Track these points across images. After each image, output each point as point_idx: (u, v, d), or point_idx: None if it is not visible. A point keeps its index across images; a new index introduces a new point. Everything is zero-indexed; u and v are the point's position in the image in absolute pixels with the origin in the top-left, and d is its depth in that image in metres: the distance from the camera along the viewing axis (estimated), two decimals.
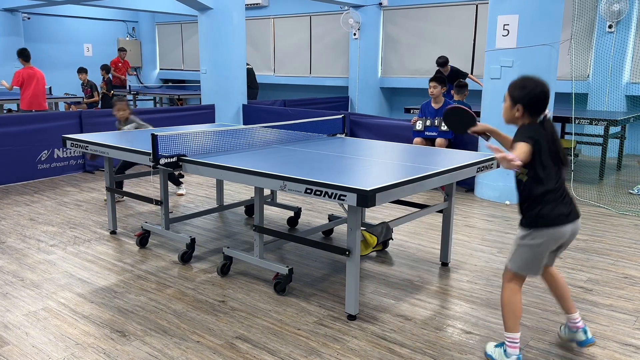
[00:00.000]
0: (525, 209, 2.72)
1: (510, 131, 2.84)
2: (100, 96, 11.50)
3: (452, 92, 7.61)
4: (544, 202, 2.64)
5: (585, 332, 2.92)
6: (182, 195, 6.43)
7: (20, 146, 6.93)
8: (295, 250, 4.53)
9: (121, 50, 13.62)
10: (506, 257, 2.87)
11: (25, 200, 6.10)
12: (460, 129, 3.17)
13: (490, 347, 2.91)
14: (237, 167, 3.43)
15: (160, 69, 17.02)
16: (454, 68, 9.03)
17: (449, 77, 8.78)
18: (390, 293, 3.72)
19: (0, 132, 6.73)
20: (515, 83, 2.71)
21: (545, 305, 3.51)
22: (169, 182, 5.80)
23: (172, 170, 3.84)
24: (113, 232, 4.98)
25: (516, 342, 2.76)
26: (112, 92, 11.76)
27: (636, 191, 6.53)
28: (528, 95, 2.64)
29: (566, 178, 2.79)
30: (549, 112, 2.67)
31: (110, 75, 12.03)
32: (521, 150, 2.54)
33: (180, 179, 6.53)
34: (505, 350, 2.79)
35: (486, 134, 3.10)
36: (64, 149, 7.36)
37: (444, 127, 6.57)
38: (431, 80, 6.77)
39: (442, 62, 8.86)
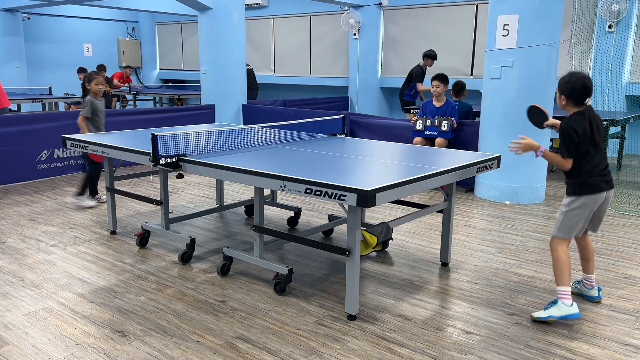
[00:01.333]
0: (571, 179, 3.31)
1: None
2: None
3: (451, 92, 7.61)
4: (586, 174, 3.25)
5: (599, 289, 3.59)
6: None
7: (20, 146, 6.92)
8: (295, 251, 4.53)
9: (127, 67, 13.68)
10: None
11: (25, 201, 6.10)
12: (539, 123, 3.65)
13: (541, 313, 3.28)
14: (237, 167, 3.43)
15: (160, 69, 17.02)
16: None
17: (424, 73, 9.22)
18: (390, 293, 3.72)
19: (0, 132, 6.74)
20: (563, 77, 3.30)
21: (545, 305, 3.51)
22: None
23: (172, 170, 3.84)
24: (113, 232, 4.98)
25: (569, 294, 3.26)
26: (111, 91, 11.75)
27: None
28: (569, 87, 3.24)
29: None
30: (589, 100, 3.28)
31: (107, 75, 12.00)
32: (560, 161, 3.30)
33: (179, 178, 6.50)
34: (562, 303, 3.23)
35: (556, 127, 3.56)
36: (64, 149, 7.36)
37: (444, 127, 6.57)
38: (434, 78, 6.76)
39: (434, 55, 9.18)
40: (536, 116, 3.62)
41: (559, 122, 3.49)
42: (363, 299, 3.60)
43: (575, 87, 3.22)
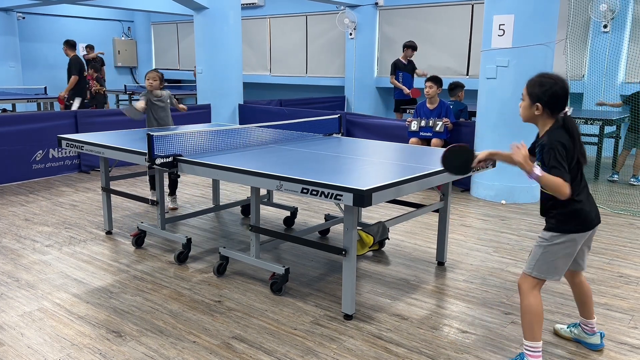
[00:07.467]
0: (556, 211, 2.60)
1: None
2: (92, 95, 11.37)
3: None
4: (575, 205, 2.57)
5: (602, 335, 2.97)
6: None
7: (15, 146, 6.90)
8: (292, 250, 4.53)
9: (88, 46, 13.13)
10: (519, 259, 2.87)
11: (20, 201, 6.08)
12: (463, 169, 3.00)
13: None
14: (234, 167, 3.43)
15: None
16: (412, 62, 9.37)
17: (410, 65, 9.23)
18: (387, 292, 3.73)
19: None
20: (533, 80, 2.61)
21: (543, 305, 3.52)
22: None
23: (167, 170, 3.83)
24: (109, 233, 4.97)
25: (539, 352, 2.62)
26: (104, 90, 11.66)
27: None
28: (547, 92, 2.53)
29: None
30: (570, 109, 2.59)
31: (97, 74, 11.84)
32: (559, 185, 2.44)
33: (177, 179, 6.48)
34: None
35: (491, 160, 3.03)
36: (59, 149, 7.34)
37: (437, 128, 6.57)
38: (427, 80, 6.77)
39: (414, 45, 9.20)
40: (459, 157, 2.87)
41: (499, 152, 2.84)
42: (359, 299, 3.60)
43: (556, 92, 2.51)
